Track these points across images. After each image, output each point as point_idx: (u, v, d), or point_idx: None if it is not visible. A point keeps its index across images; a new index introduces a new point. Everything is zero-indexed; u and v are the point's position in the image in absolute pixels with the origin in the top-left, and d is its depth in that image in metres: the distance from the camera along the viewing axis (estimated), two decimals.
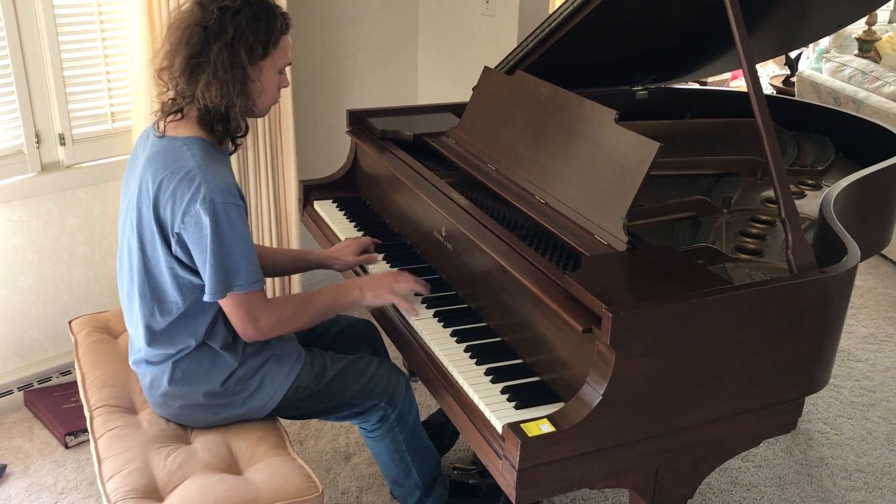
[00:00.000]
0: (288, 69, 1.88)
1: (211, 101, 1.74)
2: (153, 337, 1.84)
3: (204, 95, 1.73)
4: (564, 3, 2.22)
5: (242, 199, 1.76)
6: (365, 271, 2.18)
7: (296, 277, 3.30)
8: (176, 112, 1.80)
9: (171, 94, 1.82)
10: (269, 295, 3.21)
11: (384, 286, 1.94)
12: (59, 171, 2.72)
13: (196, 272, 1.77)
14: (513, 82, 2.21)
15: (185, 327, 1.83)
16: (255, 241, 2.82)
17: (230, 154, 1.89)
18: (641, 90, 2.85)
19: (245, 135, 1.86)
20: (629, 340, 1.46)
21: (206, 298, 1.76)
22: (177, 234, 1.73)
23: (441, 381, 1.76)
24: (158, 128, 1.81)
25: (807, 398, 1.82)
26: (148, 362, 1.88)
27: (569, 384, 1.60)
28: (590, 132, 1.90)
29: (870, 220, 2.34)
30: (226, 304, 1.78)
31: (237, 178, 2.94)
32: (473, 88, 2.37)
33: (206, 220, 1.69)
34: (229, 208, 1.71)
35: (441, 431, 2.48)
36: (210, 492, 1.69)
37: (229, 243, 1.72)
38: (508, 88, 2.21)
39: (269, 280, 3.24)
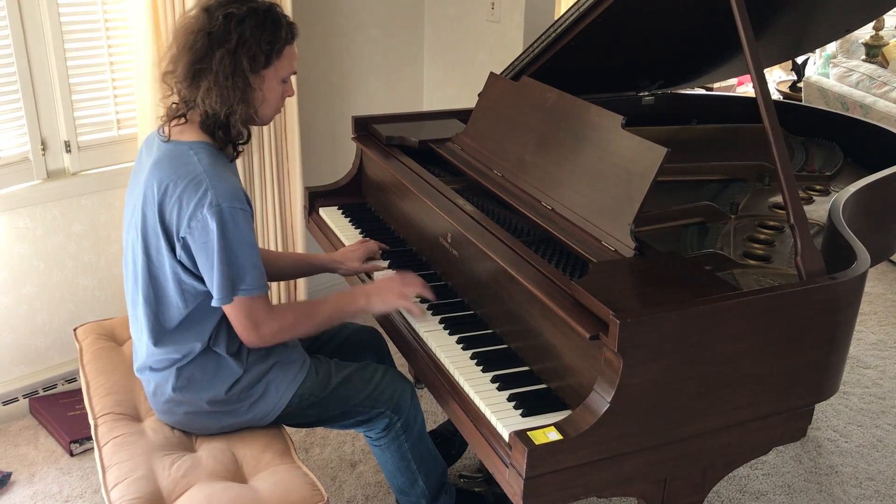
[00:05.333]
0: (294, 78, 1.88)
1: (211, 107, 1.74)
2: (157, 342, 1.83)
3: (204, 101, 1.74)
4: (570, 8, 2.22)
5: (249, 203, 1.76)
6: (370, 278, 2.17)
7: (301, 282, 3.29)
8: (180, 116, 1.81)
9: (174, 98, 1.82)
10: (275, 301, 3.21)
11: (392, 291, 1.93)
12: (64, 178, 2.72)
13: (199, 278, 1.77)
14: (518, 88, 2.20)
15: (189, 332, 1.82)
16: (259, 246, 2.82)
17: (232, 160, 1.88)
18: (648, 96, 2.85)
19: (247, 142, 1.86)
20: (637, 347, 1.44)
21: (214, 304, 1.75)
22: (182, 238, 1.73)
23: (447, 389, 1.75)
24: (164, 132, 1.81)
25: (816, 405, 1.80)
26: (152, 368, 1.87)
27: (576, 391, 1.58)
28: (596, 138, 1.89)
29: (879, 226, 2.32)
30: (229, 308, 1.77)
31: (243, 185, 2.95)
32: (479, 94, 2.36)
33: (212, 225, 1.69)
34: (236, 213, 1.71)
35: (448, 442, 2.46)
36: (215, 500, 1.68)
37: (236, 248, 1.71)
38: (514, 94, 2.20)
39: (273, 284, 3.24)
